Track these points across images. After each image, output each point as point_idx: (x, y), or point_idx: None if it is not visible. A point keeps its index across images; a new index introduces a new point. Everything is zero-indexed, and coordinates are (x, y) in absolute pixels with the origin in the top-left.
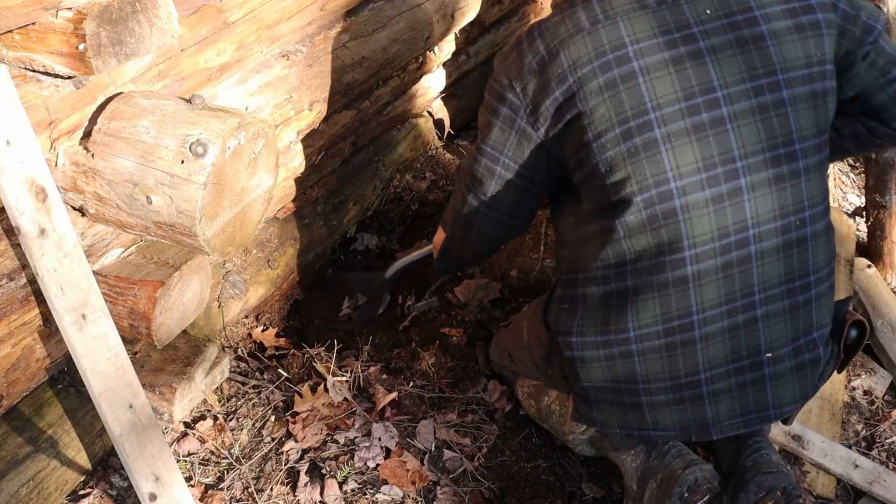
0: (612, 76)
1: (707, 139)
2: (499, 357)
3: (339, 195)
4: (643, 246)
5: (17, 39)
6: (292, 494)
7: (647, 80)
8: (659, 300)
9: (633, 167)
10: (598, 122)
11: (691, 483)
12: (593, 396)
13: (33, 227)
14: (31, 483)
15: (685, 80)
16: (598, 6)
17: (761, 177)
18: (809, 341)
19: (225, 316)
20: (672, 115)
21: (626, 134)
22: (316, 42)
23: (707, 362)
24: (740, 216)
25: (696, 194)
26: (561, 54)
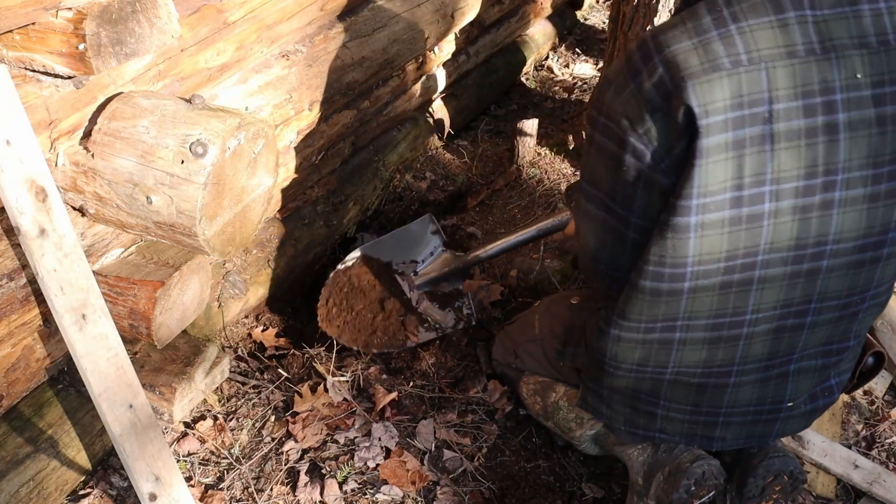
0: (741, 135)
1: (809, 220)
2: (502, 355)
3: (339, 195)
4: (703, 308)
5: (17, 39)
6: (292, 494)
7: (776, 149)
8: (706, 352)
9: (728, 237)
10: (709, 180)
11: (699, 476)
12: (607, 395)
13: (33, 227)
14: (31, 483)
15: (811, 157)
16: (739, 41)
17: (840, 262)
18: (826, 388)
19: (225, 316)
20: (786, 192)
21: (736, 201)
22: (316, 42)
23: (730, 404)
24: (809, 292)
25: (776, 269)
26: (689, 90)
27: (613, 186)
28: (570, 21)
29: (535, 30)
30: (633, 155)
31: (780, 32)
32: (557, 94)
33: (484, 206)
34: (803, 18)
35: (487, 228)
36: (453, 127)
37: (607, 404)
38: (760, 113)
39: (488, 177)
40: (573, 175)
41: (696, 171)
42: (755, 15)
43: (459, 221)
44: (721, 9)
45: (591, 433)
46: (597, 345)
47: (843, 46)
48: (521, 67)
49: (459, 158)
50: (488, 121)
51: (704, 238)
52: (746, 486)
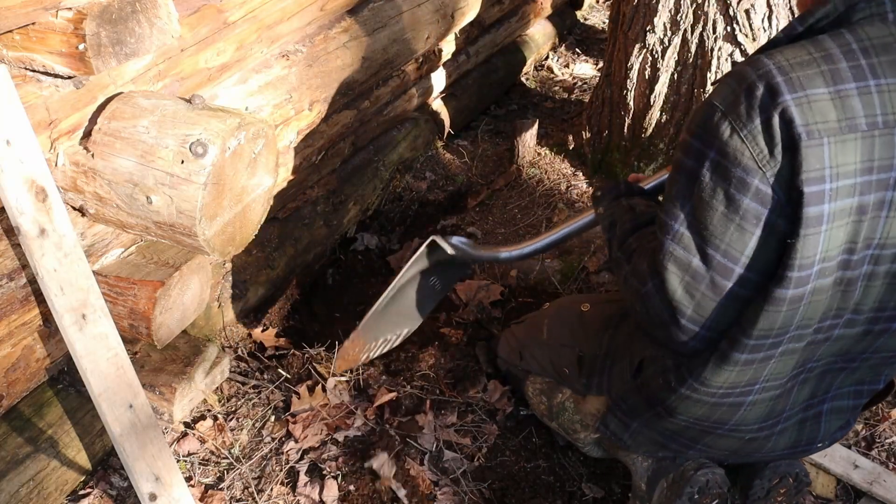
0: (866, 201)
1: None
2: (507, 354)
3: (339, 195)
4: (773, 371)
5: (17, 39)
6: (292, 494)
7: (891, 215)
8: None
9: (829, 300)
10: (830, 245)
11: (703, 484)
12: (635, 429)
13: (33, 227)
14: (31, 483)
15: None
16: (878, 101)
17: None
18: (805, 451)
19: (225, 316)
20: (886, 257)
21: (844, 265)
22: (316, 42)
23: (769, 450)
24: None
25: (853, 328)
26: (825, 147)
27: (720, 232)
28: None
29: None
30: (755, 199)
31: (839, 104)
32: (557, 94)
33: (484, 206)
34: (866, 89)
35: (487, 228)
36: (453, 127)
37: (633, 436)
38: (886, 179)
39: (488, 177)
40: (573, 175)
41: (822, 237)
42: (894, 73)
43: (459, 221)
44: (859, 58)
45: (596, 436)
46: (658, 395)
47: None
48: (521, 67)
49: (459, 158)
50: (488, 121)
51: (811, 304)
52: (752, 488)
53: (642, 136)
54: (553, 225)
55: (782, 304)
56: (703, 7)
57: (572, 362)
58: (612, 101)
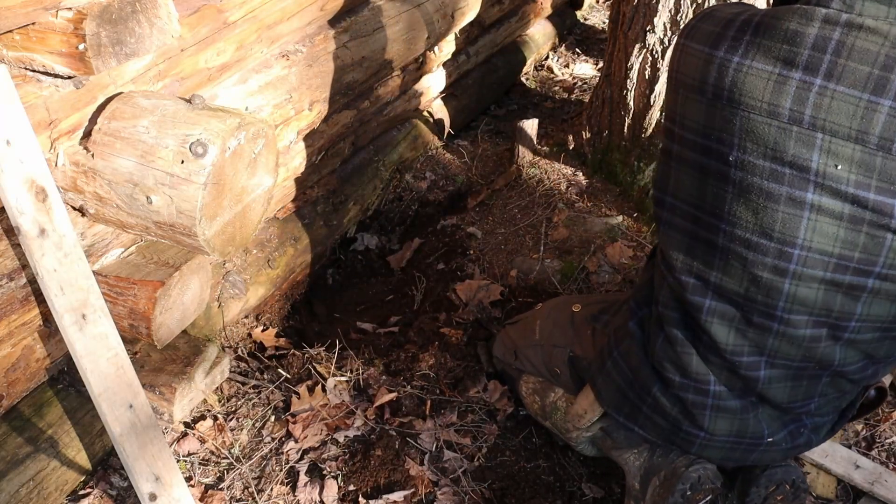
0: (707, 164)
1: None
2: (503, 354)
3: (339, 195)
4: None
5: (17, 39)
6: (292, 494)
7: (734, 193)
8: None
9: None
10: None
11: (694, 481)
12: (608, 367)
13: (33, 227)
14: (31, 483)
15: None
16: (732, 75)
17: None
18: (807, 441)
19: (225, 316)
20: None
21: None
22: (316, 42)
23: (710, 430)
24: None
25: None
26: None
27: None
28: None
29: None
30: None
31: (773, 87)
32: (557, 94)
33: (484, 206)
34: (807, 85)
35: (487, 228)
36: (453, 127)
37: (603, 378)
38: (726, 152)
39: (488, 177)
40: (573, 175)
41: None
42: (763, 58)
43: (459, 221)
44: (747, 33)
45: (588, 435)
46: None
47: (835, 131)
48: (521, 67)
49: (459, 158)
50: (488, 121)
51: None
52: (749, 495)
53: (642, 136)
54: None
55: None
56: (702, 7)
57: (564, 362)
58: (612, 101)
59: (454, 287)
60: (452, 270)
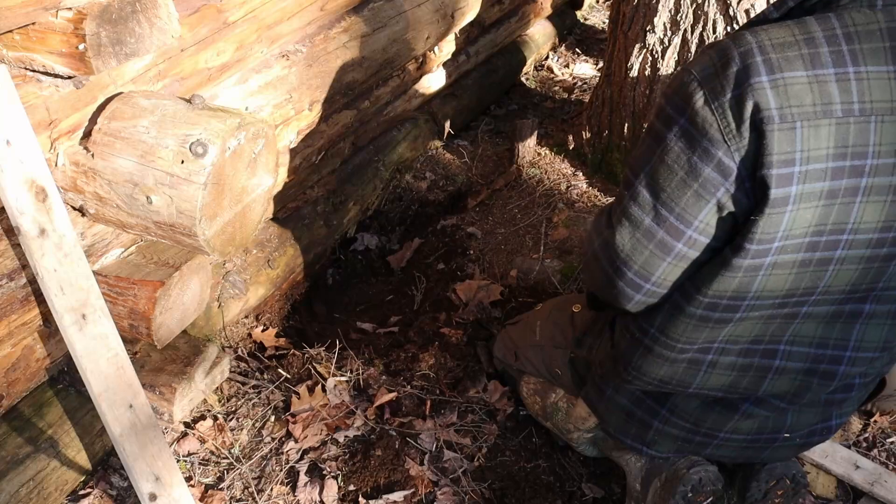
0: (837, 186)
1: (870, 269)
2: (503, 355)
3: (339, 195)
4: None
5: (17, 39)
6: (292, 494)
7: (864, 201)
8: (733, 378)
9: (794, 277)
10: (796, 225)
11: (695, 483)
12: (609, 395)
13: (33, 227)
14: (31, 483)
15: (893, 212)
16: (855, 88)
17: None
18: (825, 428)
19: (225, 316)
20: (860, 242)
21: (813, 246)
22: (316, 42)
23: (733, 428)
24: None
25: (822, 307)
26: (797, 130)
27: (677, 196)
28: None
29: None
30: (716, 170)
31: (894, 85)
32: (557, 94)
33: (484, 206)
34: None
35: (487, 228)
36: (453, 127)
37: (605, 404)
38: (860, 166)
39: (488, 177)
40: (573, 175)
41: (786, 217)
42: (875, 61)
43: (459, 221)
44: (841, 44)
45: (589, 436)
46: (625, 350)
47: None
48: (521, 67)
49: (459, 158)
50: (488, 121)
51: (771, 277)
52: (749, 490)
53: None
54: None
55: (738, 271)
56: (703, 7)
57: (565, 363)
58: (612, 101)
59: (454, 287)
60: (452, 270)
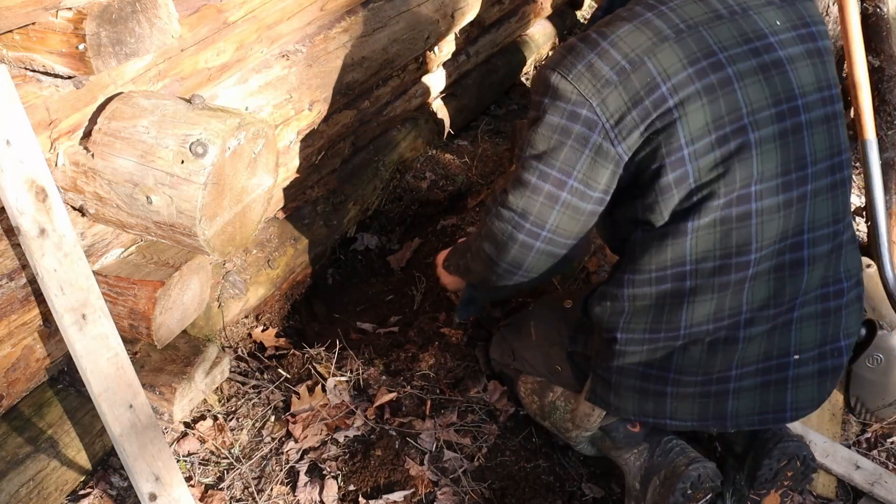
0: (709, 82)
1: (788, 145)
2: (500, 356)
3: (339, 195)
4: (708, 248)
5: (17, 39)
6: (292, 494)
7: (742, 85)
8: (716, 301)
9: (724, 171)
10: (693, 128)
11: (694, 479)
12: (615, 381)
13: (33, 227)
14: (31, 483)
15: (773, 87)
16: (674, 15)
17: (822, 184)
18: (835, 349)
19: (225, 316)
20: (763, 120)
21: (723, 139)
22: (316, 42)
23: (741, 360)
24: (800, 221)
25: (770, 199)
26: (647, 63)
27: (564, 159)
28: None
29: (535, 30)
30: (583, 125)
31: (702, 4)
32: None
33: (484, 206)
34: None
35: None
36: (453, 127)
37: (616, 392)
38: (717, 60)
39: (488, 177)
40: None
41: (678, 126)
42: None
43: (459, 221)
44: (656, 6)
45: (587, 435)
46: (609, 317)
47: (756, 6)
48: (521, 67)
49: (459, 158)
50: (488, 121)
51: (703, 177)
52: (760, 468)
53: None
54: None
55: (670, 190)
56: None
57: (563, 359)
58: None
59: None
60: None
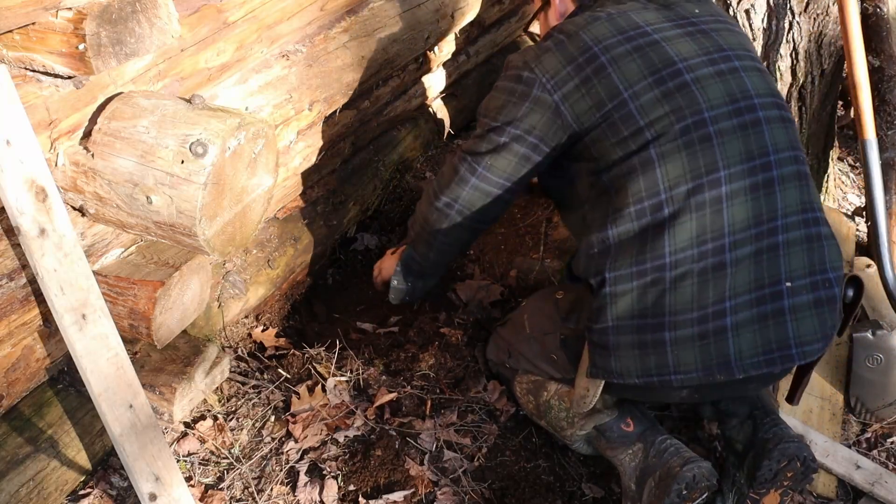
0: (638, 43)
1: (728, 80)
2: (496, 356)
3: (339, 195)
4: (680, 171)
5: (17, 39)
6: (292, 494)
7: (669, 44)
8: (696, 221)
9: (668, 106)
10: (629, 76)
11: (689, 480)
12: (613, 343)
13: (33, 227)
14: (31, 483)
15: (700, 43)
16: (610, 6)
17: (773, 114)
18: (825, 279)
19: (225, 316)
20: (697, 64)
21: (659, 81)
22: (316, 42)
23: (733, 289)
24: (762, 144)
25: (725, 122)
26: (581, 34)
27: (507, 112)
28: None
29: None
30: (524, 84)
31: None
32: None
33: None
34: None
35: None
36: (453, 127)
37: (615, 354)
38: (643, 30)
39: None
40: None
41: (614, 75)
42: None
43: None
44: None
45: (582, 433)
46: (596, 265)
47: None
48: None
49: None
50: None
51: (649, 114)
52: (760, 469)
53: None
54: None
55: (617, 129)
56: None
57: (558, 346)
58: None
59: (454, 287)
60: (452, 270)
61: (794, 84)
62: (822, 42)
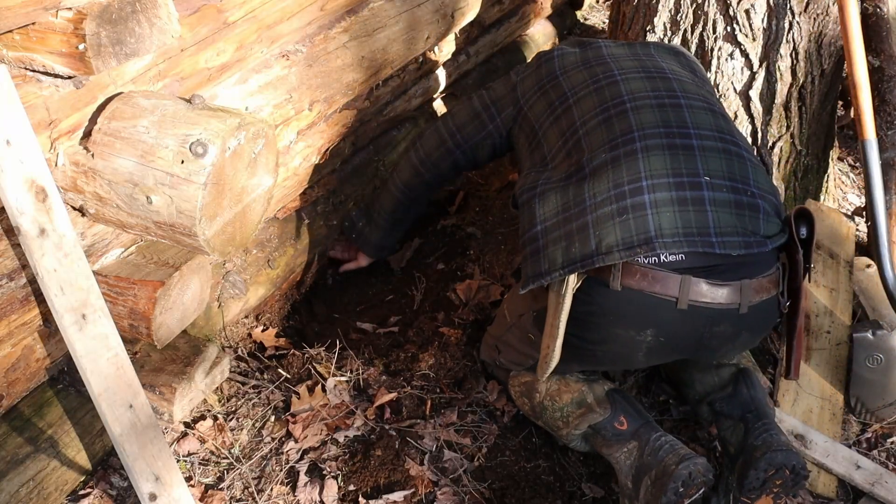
0: (591, 69)
1: (667, 111)
2: (487, 355)
3: (339, 195)
4: (581, 78)
5: (17, 39)
6: (292, 494)
7: (619, 70)
8: (605, 127)
9: (595, 94)
10: (573, 82)
11: (685, 478)
12: (542, 244)
13: (33, 227)
14: (31, 483)
15: (656, 85)
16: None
17: (709, 144)
18: (748, 190)
19: (225, 316)
20: (642, 97)
21: (595, 80)
22: (316, 42)
23: (648, 170)
24: (693, 166)
25: (644, 100)
26: (555, 61)
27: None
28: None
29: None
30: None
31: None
32: None
33: (484, 206)
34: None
35: (487, 228)
36: None
37: (544, 254)
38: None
39: (488, 177)
40: None
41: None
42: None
43: (459, 221)
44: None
45: (578, 432)
46: (532, 180)
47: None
48: None
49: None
50: None
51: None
52: (747, 477)
53: None
54: None
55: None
56: (703, 7)
57: (532, 324)
58: None
59: (454, 287)
60: (452, 270)
61: (794, 84)
62: (822, 42)
